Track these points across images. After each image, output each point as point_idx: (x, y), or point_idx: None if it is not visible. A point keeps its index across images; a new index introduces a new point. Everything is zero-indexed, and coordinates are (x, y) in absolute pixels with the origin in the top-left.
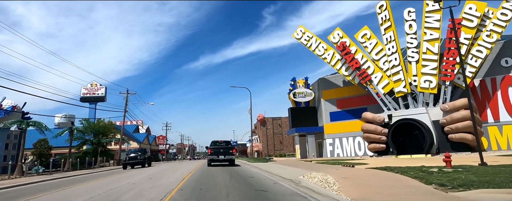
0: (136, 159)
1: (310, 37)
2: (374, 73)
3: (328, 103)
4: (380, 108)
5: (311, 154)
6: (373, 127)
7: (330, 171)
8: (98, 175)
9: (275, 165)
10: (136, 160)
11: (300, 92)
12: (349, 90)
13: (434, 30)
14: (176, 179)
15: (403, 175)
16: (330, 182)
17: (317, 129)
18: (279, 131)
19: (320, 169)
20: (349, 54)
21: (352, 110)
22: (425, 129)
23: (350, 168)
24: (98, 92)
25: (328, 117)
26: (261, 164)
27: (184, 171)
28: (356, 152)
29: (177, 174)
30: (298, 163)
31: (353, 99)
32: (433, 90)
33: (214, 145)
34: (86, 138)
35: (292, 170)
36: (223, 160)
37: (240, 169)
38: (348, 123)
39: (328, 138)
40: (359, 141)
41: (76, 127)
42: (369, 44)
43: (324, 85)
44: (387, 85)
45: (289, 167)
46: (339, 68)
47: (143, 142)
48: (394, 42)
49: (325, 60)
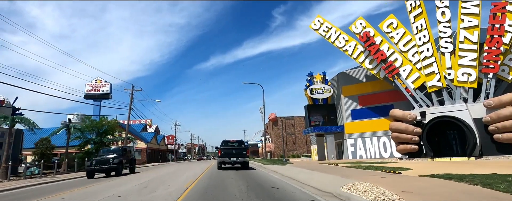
0: (106, 163)
1: (329, 28)
2: (402, 66)
3: (349, 100)
4: (409, 104)
5: (330, 155)
6: (403, 126)
7: (374, 179)
8: (82, 182)
9: (296, 169)
10: (107, 165)
11: (317, 89)
12: (372, 86)
13: (473, 16)
14: (177, 189)
15: (490, 189)
16: (391, 199)
17: (337, 128)
18: (292, 130)
19: (358, 176)
20: (374, 46)
21: (376, 107)
22: (468, 128)
23: (396, 175)
24: (103, 89)
25: (349, 115)
26: (278, 167)
27: (189, 175)
28: (381, 153)
29: (179, 181)
30: (322, 166)
31: (378, 95)
32: (473, 84)
33: (225, 145)
34: (88, 137)
35: (321, 176)
36: (235, 163)
37: (257, 175)
38: (372, 122)
39: (349, 138)
40: (384, 141)
41: (73, 124)
42: (395, 34)
43: (344, 81)
44: (417, 79)
45: (316, 172)
46: (362, 61)
47: (151, 142)
48: (426, 31)
49: (346, 53)
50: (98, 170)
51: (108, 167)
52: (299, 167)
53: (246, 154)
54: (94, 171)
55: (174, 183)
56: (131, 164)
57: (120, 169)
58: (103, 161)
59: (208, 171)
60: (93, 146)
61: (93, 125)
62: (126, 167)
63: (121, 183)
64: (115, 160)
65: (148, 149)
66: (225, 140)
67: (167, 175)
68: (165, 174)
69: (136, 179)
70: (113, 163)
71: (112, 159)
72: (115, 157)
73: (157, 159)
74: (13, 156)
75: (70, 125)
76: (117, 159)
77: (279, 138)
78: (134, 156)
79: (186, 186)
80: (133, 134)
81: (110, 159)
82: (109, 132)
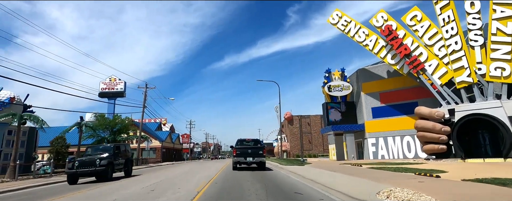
0: (91, 165)
1: (348, 22)
2: (427, 60)
3: (370, 97)
4: (435, 101)
5: (350, 155)
6: (430, 124)
7: (411, 184)
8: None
9: (316, 170)
10: (92, 167)
11: (336, 86)
12: (395, 82)
13: (506, 6)
14: (187, 193)
15: None
16: None
17: (357, 126)
18: (308, 129)
19: (390, 180)
20: (396, 39)
21: (399, 105)
22: (504, 126)
23: (435, 179)
24: (117, 87)
25: (370, 113)
26: (297, 168)
27: (202, 177)
28: (405, 153)
29: (191, 183)
30: (344, 167)
31: (401, 92)
32: (507, 79)
33: (240, 144)
34: (102, 135)
35: (347, 179)
36: (251, 163)
37: (275, 176)
38: (394, 120)
39: (370, 137)
40: (408, 140)
41: (85, 122)
42: (420, 28)
43: (364, 77)
44: (445, 74)
45: (339, 174)
46: (384, 56)
47: (166, 140)
48: (454, 23)
49: (366, 48)
50: (81, 174)
51: (94, 170)
52: (320, 168)
53: (263, 154)
54: (76, 175)
55: (185, 186)
56: (126, 166)
57: (110, 172)
58: (88, 162)
59: (223, 171)
60: (106, 144)
61: (106, 123)
62: (120, 169)
63: (127, 185)
64: (102, 162)
65: (162, 148)
66: (240, 139)
67: (179, 176)
68: (176, 176)
69: (135, 183)
70: (100, 165)
71: (99, 160)
72: (103, 158)
73: (172, 158)
74: (27, 154)
75: (82, 123)
76: (106, 160)
77: (294, 137)
78: (131, 156)
79: (198, 189)
80: (148, 132)
81: (97, 160)
82: (123, 131)
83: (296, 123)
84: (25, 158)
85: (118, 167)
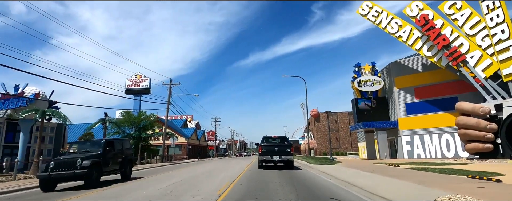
0: (70, 167)
1: (379, 12)
2: (469, 52)
3: (403, 92)
4: (477, 96)
5: (382, 153)
6: (473, 121)
7: (468, 189)
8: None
9: (350, 170)
10: (70, 169)
11: (366, 80)
12: (431, 76)
13: None
14: (207, 197)
15: None
16: None
17: (390, 123)
18: (335, 127)
19: (441, 184)
20: (434, 30)
21: (436, 100)
22: None
23: (496, 184)
24: (142, 84)
25: (404, 109)
26: (328, 168)
27: (225, 177)
28: (444, 152)
29: (213, 183)
30: (379, 167)
31: (438, 86)
32: None
33: (266, 141)
34: (127, 131)
35: (389, 182)
36: (278, 161)
37: (305, 177)
38: (431, 116)
39: (404, 135)
40: (447, 139)
41: (109, 118)
42: (459, 16)
43: (397, 71)
44: (489, 66)
45: (378, 176)
46: (419, 48)
47: (191, 137)
48: (500, 10)
49: (399, 39)
50: (57, 179)
51: (72, 173)
52: (352, 168)
53: (290, 152)
54: (51, 180)
55: (206, 187)
56: (123, 167)
57: (94, 176)
58: (65, 163)
59: (248, 170)
60: (132, 140)
61: (132, 120)
62: (114, 171)
63: (143, 185)
64: (84, 162)
65: (188, 145)
66: (266, 136)
67: (201, 175)
68: (198, 175)
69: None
70: (82, 166)
71: (80, 160)
72: (87, 157)
73: (197, 155)
74: (55, 150)
75: (106, 119)
76: (90, 160)
77: (321, 135)
78: (130, 155)
79: (220, 192)
80: (173, 129)
81: (78, 160)
82: (148, 127)
83: (322, 120)
84: (53, 154)
85: (110, 169)
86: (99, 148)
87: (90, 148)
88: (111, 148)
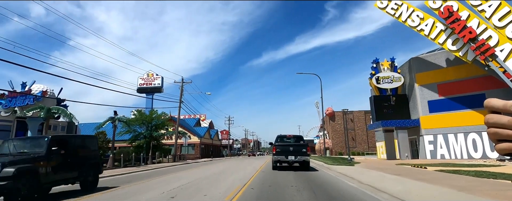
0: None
1: (398, 5)
2: (498, 45)
3: (425, 89)
4: (508, 92)
5: (402, 154)
6: (505, 119)
7: None
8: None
9: (372, 172)
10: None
11: (385, 77)
12: (456, 72)
13: None
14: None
15: None
16: None
17: (410, 122)
18: (351, 126)
19: (486, 190)
20: (459, 22)
21: (461, 97)
22: None
23: None
24: (154, 82)
25: (426, 106)
26: (347, 169)
27: (236, 179)
28: (470, 153)
29: (221, 187)
30: (403, 168)
31: (463, 83)
32: None
33: (280, 141)
34: (138, 130)
35: (421, 187)
36: (293, 162)
37: (324, 180)
38: (456, 114)
39: (426, 134)
40: (473, 138)
41: (119, 117)
42: (487, 7)
43: (418, 67)
44: None
45: (406, 179)
46: (443, 42)
47: (204, 136)
48: None
49: (421, 33)
50: None
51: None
52: (374, 169)
53: (307, 152)
54: None
55: (214, 192)
56: (83, 174)
57: (20, 190)
58: None
59: (261, 171)
60: (143, 139)
61: (143, 118)
62: (67, 180)
63: (141, 189)
64: (4, 171)
65: (201, 144)
66: (280, 135)
67: (211, 176)
68: (207, 176)
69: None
70: (1, 177)
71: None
72: (12, 162)
73: (210, 154)
74: None
75: (115, 118)
76: (14, 166)
77: (336, 134)
78: (98, 158)
79: (228, 199)
80: (186, 128)
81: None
82: (160, 126)
83: (338, 119)
84: None
85: (60, 177)
86: (42, 149)
87: (29, 148)
88: (59, 148)
